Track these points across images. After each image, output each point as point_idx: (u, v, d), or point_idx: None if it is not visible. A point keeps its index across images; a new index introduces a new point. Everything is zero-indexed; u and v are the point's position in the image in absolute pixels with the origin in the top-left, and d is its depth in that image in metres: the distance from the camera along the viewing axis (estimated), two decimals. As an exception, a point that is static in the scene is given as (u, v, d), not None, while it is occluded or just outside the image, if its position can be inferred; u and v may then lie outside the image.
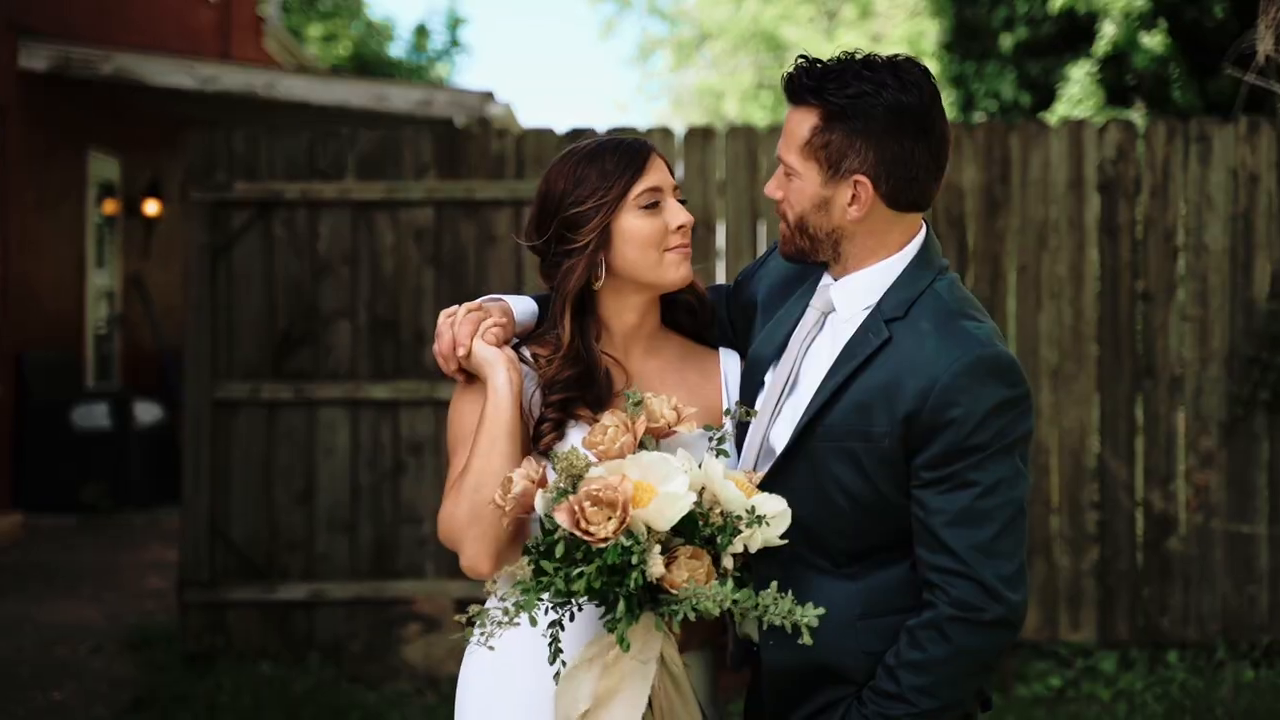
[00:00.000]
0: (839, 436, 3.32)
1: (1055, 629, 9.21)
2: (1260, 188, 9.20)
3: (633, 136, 3.66)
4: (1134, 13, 18.84)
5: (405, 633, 9.05)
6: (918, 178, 3.36)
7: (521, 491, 3.22)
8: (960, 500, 3.22)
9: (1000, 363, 3.26)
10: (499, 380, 3.44)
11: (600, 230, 3.50)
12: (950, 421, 3.22)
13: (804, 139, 3.37)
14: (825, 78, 3.35)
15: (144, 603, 10.95)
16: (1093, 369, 9.24)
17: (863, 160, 3.32)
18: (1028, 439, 3.31)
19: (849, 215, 3.37)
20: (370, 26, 35.70)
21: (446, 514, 3.44)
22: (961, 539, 3.21)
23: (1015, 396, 3.26)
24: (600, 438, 3.26)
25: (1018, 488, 3.26)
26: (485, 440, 3.41)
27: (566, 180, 3.54)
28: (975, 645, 3.21)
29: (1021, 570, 3.25)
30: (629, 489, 3.09)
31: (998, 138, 9.30)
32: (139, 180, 17.11)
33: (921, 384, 3.24)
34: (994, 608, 3.20)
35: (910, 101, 3.32)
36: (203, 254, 9.40)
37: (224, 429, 9.38)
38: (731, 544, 3.17)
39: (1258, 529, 9.14)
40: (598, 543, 3.06)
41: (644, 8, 39.48)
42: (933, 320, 3.33)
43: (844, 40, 29.82)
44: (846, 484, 3.32)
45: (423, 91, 12.72)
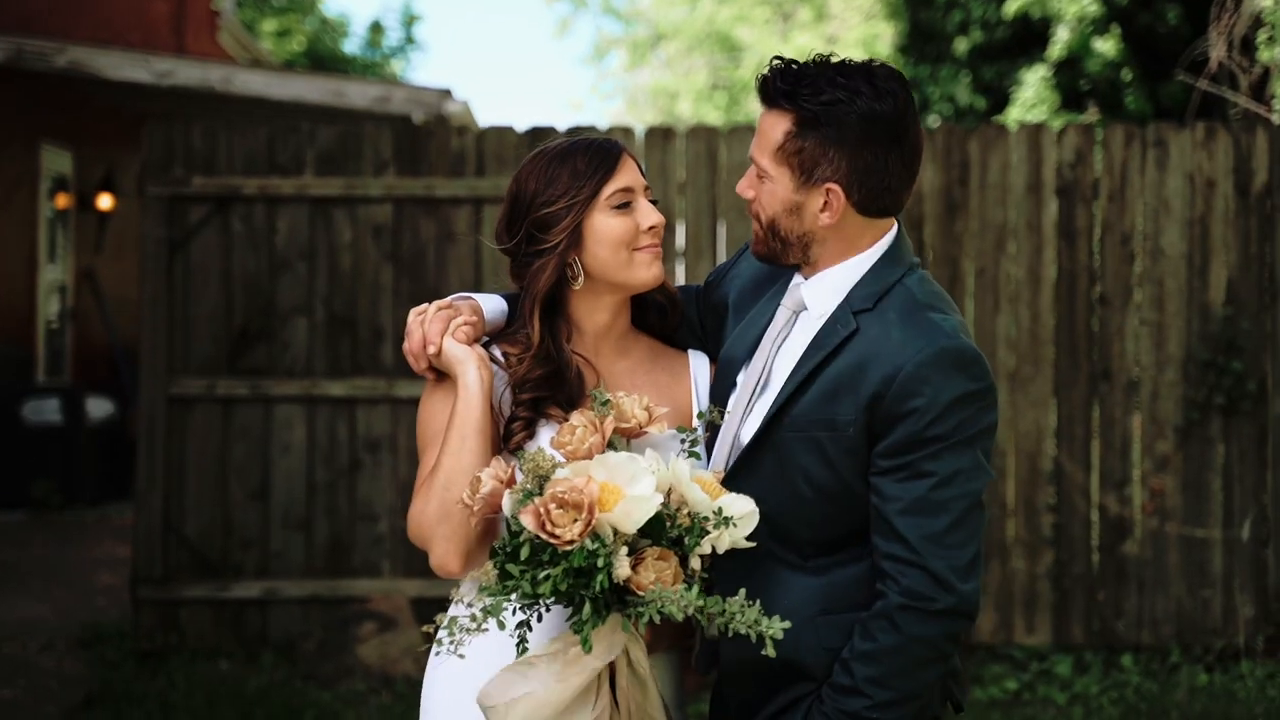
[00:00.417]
0: (805, 426, 3.33)
1: (1010, 632, 9.24)
2: (1217, 193, 9.25)
3: (602, 136, 3.65)
4: (1087, 18, 18.95)
5: (360, 631, 9.00)
6: (890, 186, 3.37)
7: (490, 491, 3.21)
8: (916, 490, 3.23)
9: (965, 355, 3.27)
10: (469, 378, 3.43)
11: (571, 230, 3.49)
12: (911, 411, 3.23)
13: (777, 143, 3.37)
14: (800, 82, 3.34)
15: (95, 600, 10.87)
16: (1050, 372, 9.28)
17: (835, 169, 3.32)
18: (990, 433, 3.32)
19: (821, 221, 3.38)
20: (325, 22, 35.58)
21: (416, 512, 3.43)
22: (914, 528, 3.22)
23: (978, 390, 3.28)
24: (568, 438, 3.25)
25: (975, 480, 3.26)
26: (455, 438, 3.40)
27: (538, 180, 3.53)
28: (925, 634, 3.22)
29: (974, 562, 3.26)
30: (595, 491, 3.07)
31: (957, 141, 9.32)
32: (92, 174, 17.00)
33: (885, 371, 3.26)
34: (944, 597, 3.21)
35: (884, 110, 3.32)
36: (159, 249, 9.33)
37: (179, 425, 9.33)
38: (699, 545, 3.16)
39: (1212, 533, 9.18)
40: (563, 545, 3.05)
41: (599, 7, 39.51)
42: (899, 311, 3.34)
43: (799, 42, 29.88)
44: (812, 474, 3.33)
45: (380, 88, 12.64)
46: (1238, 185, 9.23)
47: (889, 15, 23.66)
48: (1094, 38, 19.16)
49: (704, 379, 3.72)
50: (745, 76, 33.09)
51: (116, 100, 15.31)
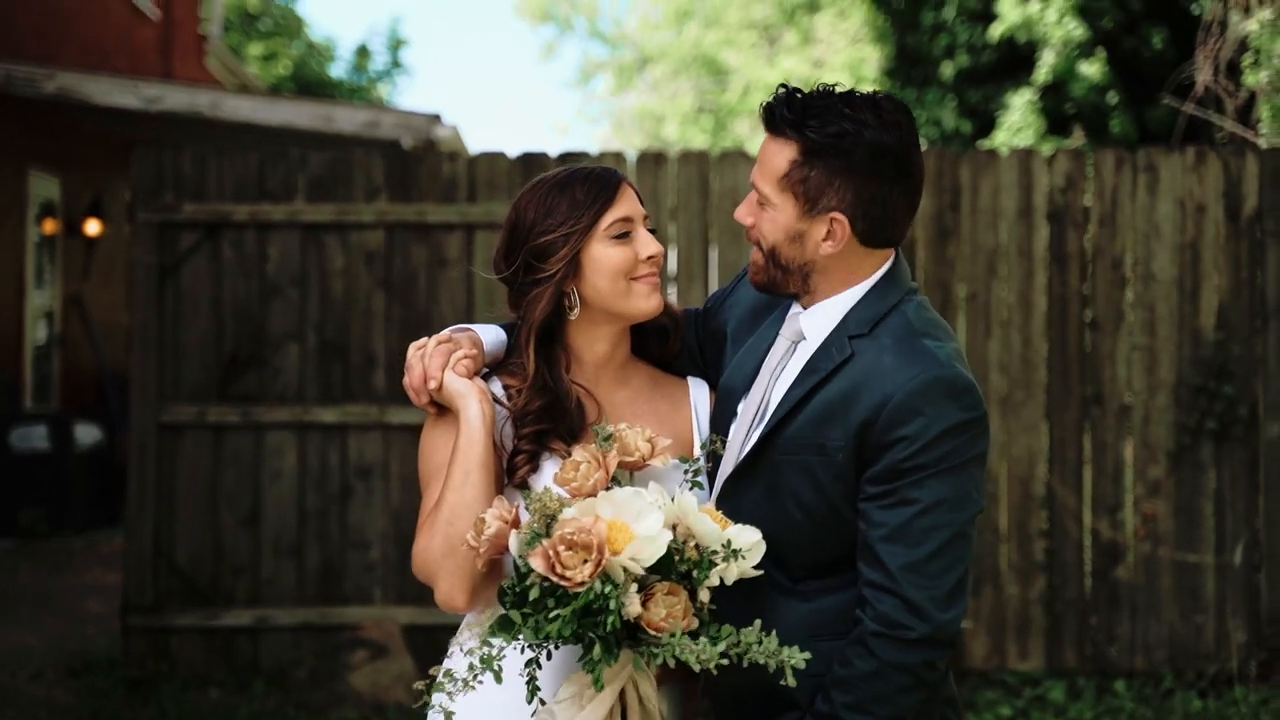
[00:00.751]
0: (796, 449, 3.34)
1: (1004, 657, 9.23)
2: (1207, 218, 9.26)
3: (601, 165, 3.64)
4: (1073, 42, 19.02)
5: (352, 659, 8.97)
6: (893, 218, 3.38)
7: (495, 533, 3.19)
8: (899, 517, 3.23)
9: (957, 384, 3.27)
10: (471, 412, 3.43)
11: (569, 260, 3.48)
12: (900, 439, 3.23)
13: (782, 171, 3.37)
14: (807, 112, 3.34)
15: (84, 627, 10.82)
16: (1041, 397, 9.28)
17: (840, 199, 3.33)
18: (980, 461, 3.31)
19: (823, 250, 3.38)
20: (311, 46, 35.59)
21: (421, 548, 3.43)
22: (895, 556, 3.22)
23: (970, 419, 3.27)
24: (572, 474, 3.24)
25: (961, 510, 3.26)
26: (458, 473, 3.40)
27: (536, 209, 3.53)
28: (901, 660, 3.21)
29: (956, 591, 3.25)
30: (603, 530, 3.06)
31: (948, 165, 9.33)
32: (80, 199, 16.98)
33: (876, 399, 3.26)
34: (919, 626, 3.20)
35: (890, 142, 3.32)
36: (149, 275, 9.31)
37: (169, 452, 9.30)
38: (708, 578, 3.15)
39: (1204, 558, 9.18)
40: (574, 588, 3.03)
41: (585, 31, 39.57)
42: (894, 338, 3.34)
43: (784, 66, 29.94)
44: (802, 497, 3.33)
45: (369, 113, 12.64)
46: (1228, 210, 9.25)
47: (875, 39, 23.72)
48: (1079, 62, 19.23)
49: (704, 406, 3.72)
50: (731, 100, 33.15)
51: (104, 126, 15.30)
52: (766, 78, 30.72)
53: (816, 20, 30.50)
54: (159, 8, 19.82)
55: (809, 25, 30.86)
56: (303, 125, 12.59)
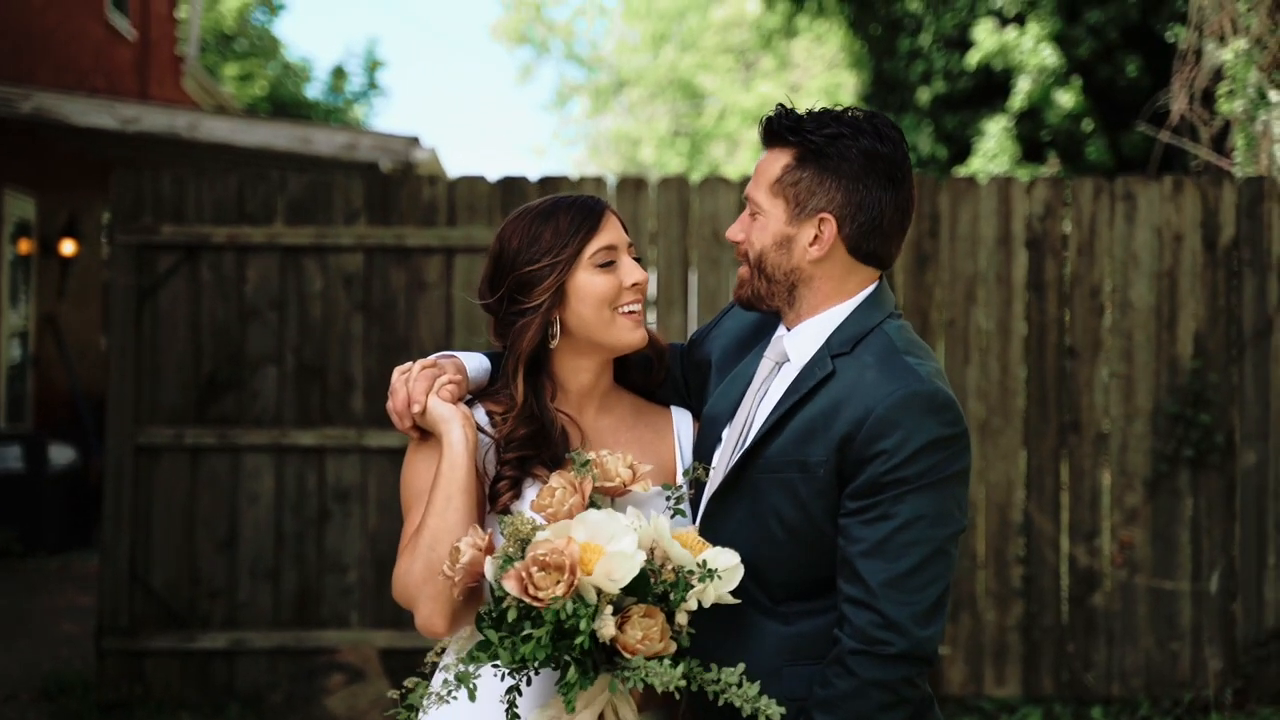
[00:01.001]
0: (778, 467, 3.34)
1: (980, 683, 9.24)
2: (1184, 246, 9.30)
3: (585, 194, 3.65)
4: (1048, 69, 19.10)
5: (328, 683, 8.94)
6: (882, 227, 3.41)
7: (470, 560, 3.20)
8: (879, 532, 3.23)
9: (937, 399, 3.28)
10: (454, 437, 3.43)
11: (555, 290, 3.49)
12: (880, 452, 3.23)
13: (775, 177, 3.43)
14: (804, 119, 3.42)
15: (58, 650, 10.76)
16: (1019, 424, 9.29)
17: (830, 199, 3.38)
18: (961, 479, 3.32)
19: (809, 255, 3.41)
20: (287, 67, 35.56)
21: (401, 572, 3.42)
22: (874, 571, 3.21)
23: (950, 435, 3.28)
24: (549, 499, 3.25)
25: (941, 527, 3.26)
26: (440, 498, 3.40)
27: (520, 238, 3.54)
28: (881, 678, 3.20)
29: (935, 608, 3.24)
30: (575, 551, 3.07)
31: (928, 192, 9.35)
32: (56, 220, 16.93)
33: (857, 413, 3.27)
34: (898, 642, 3.19)
35: (885, 151, 3.39)
36: (127, 297, 9.28)
37: (146, 474, 9.26)
38: (684, 601, 3.16)
39: (1181, 585, 9.20)
40: (545, 606, 3.04)
41: (562, 54, 39.58)
42: (876, 355, 3.36)
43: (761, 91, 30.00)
44: (784, 514, 3.33)
45: (348, 135, 12.62)
46: (1205, 239, 9.29)
47: (852, 64, 23.80)
48: (1055, 89, 19.31)
49: (687, 435, 3.72)
50: (707, 124, 33.19)
51: (81, 146, 15.26)
52: (743, 102, 30.80)
53: (793, 45, 30.58)
54: (136, 28, 19.79)
55: (786, 50, 30.94)
56: (280, 147, 12.57)
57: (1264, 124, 11.82)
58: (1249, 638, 9.18)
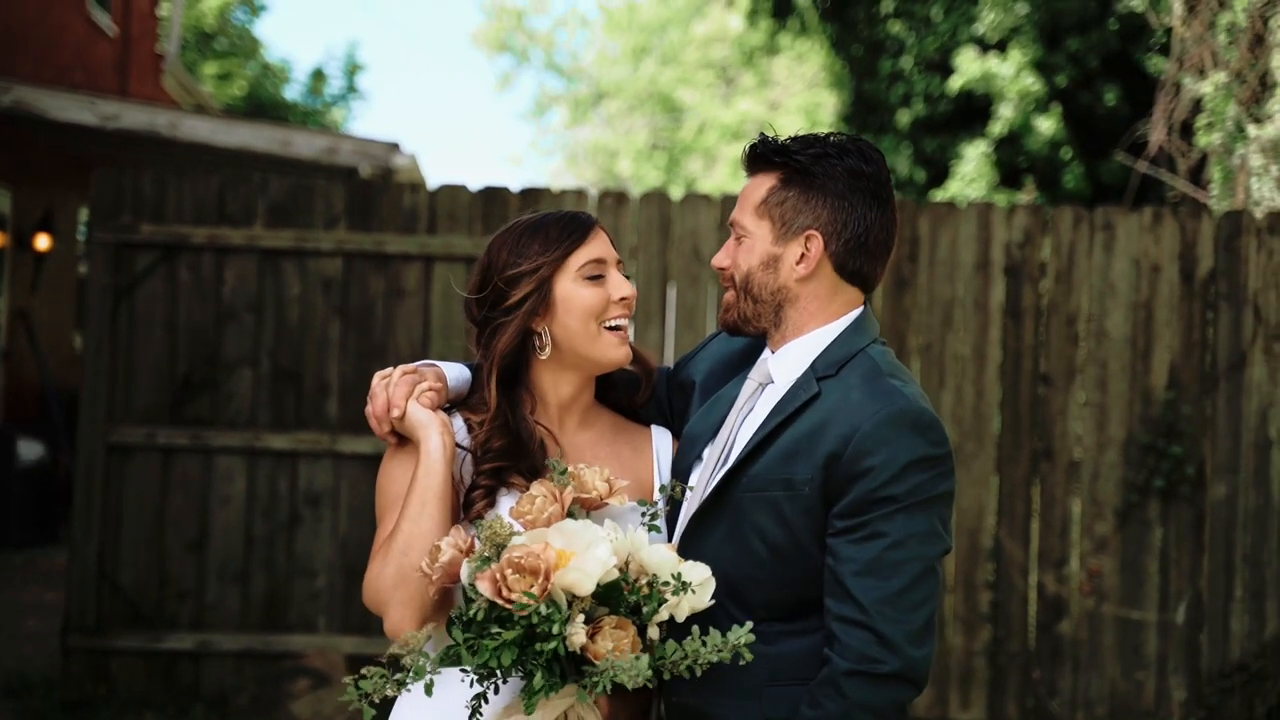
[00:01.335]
0: (762, 486, 3.35)
1: (946, 707, 9.25)
2: (1162, 278, 9.34)
3: (574, 210, 3.66)
4: (1029, 96, 19.16)
5: (294, 687, 8.92)
6: (867, 245, 3.46)
7: (449, 560, 3.21)
8: (870, 551, 3.23)
9: (923, 419, 3.31)
10: (432, 444, 3.44)
11: (537, 289, 3.51)
12: (867, 470, 3.25)
13: (760, 199, 3.47)
14: (788, 142, 3.48)
15: (22, 646, 10.71)
16: (992, 450, 9.32)
17: (816, 217, 3.42)
18: (947, 501, 3.34)
19: (796, 274, 3.45)
20: (266, 68, 35.50)
21: (373, 575, 3.43)
22: (867, 590, 3.22)
23: (935, 455, 3.31)
24: (528, 507, 3.27)
25: (930, 546, 3.27)
26: (415, 504, 3.40)
27: (509, 250, 3.56)
28: (871, 701, 3.21)
29: (927, 628, 3.26)
30: (551, 556, 3.09)
31: (908, 216, 9.37)
32: (31, 214, 16.86)
33: (843, 431, 3.29)
34: (891, 660, 3.20)
35: (870, 170, 3.45)
36: (104, 295, 9.25)
37: (117, 473, 9.23)
38: (657, 613, 3.17)
39: (1147, 615, 9.24)
40: (519, 611, 3.04)
41: (541, 63, 39.58)
42: (861, 376, 3.38)
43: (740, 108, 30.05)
44: (767, 533, 3.34)
45: (328, 139, 12.60)
46: (1183, 271, 9.33)
47: (832, 84, 23.86)
48: (1035, 116, 19.39)
49: (666, 454, 3.74)
50: (686, 138, 33.22)
51: (58, 141, 15.20)
52: (722, 118, 30.84)
53: (774, 63, 30.64)
54: (117, 24, 19.73)
55: (767, 68, 31.00)
56: (260, 148, 12.55)
57: (1241, 157, 11.88)
58: (1214, 669, 9.21)
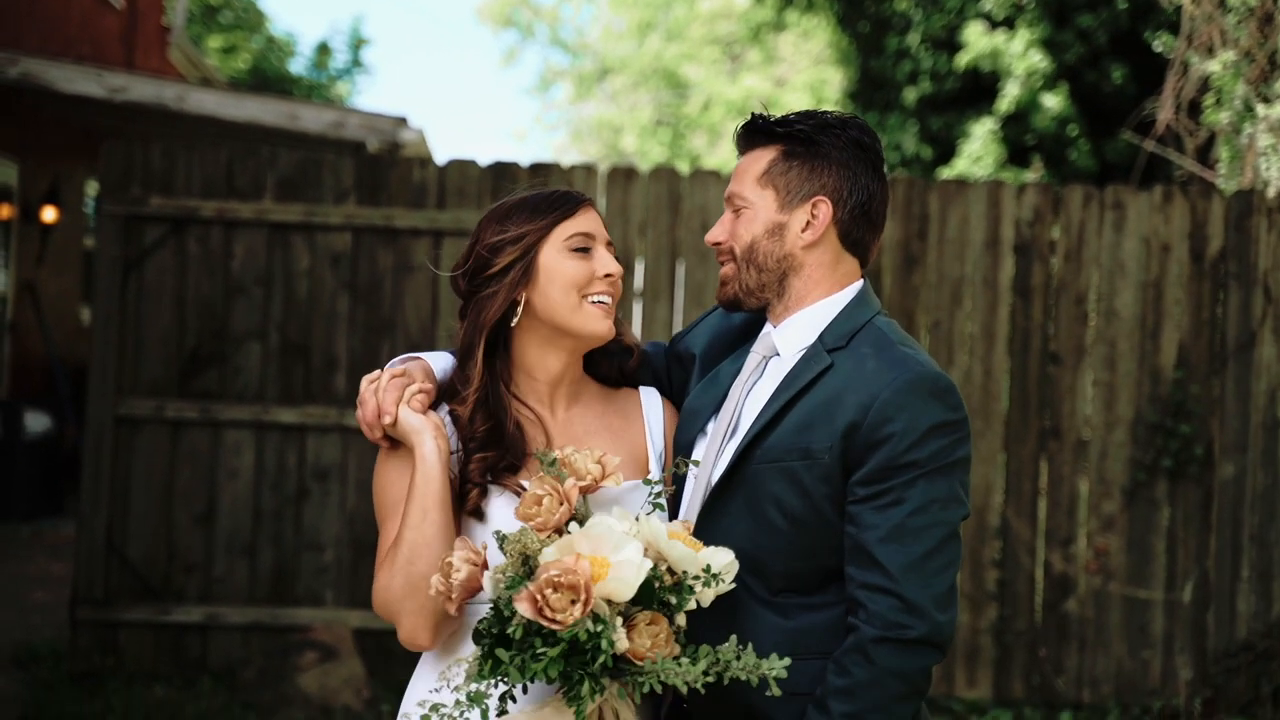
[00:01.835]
0: (778, 456, 3.35)
1: (951, 685, 9.27)
2: (1172, 257, 9.33)
3: (570, 189, 3.65)
4: (1037, 73, 19.11)
5: (301, 661, 8.93)
6: (869, 214, 3.50)
7: (466, 576, 3.17)
8: (894, 517, 3.24)
9: (940, 384, 3.32)
10: (426, 449, 3.40)
11: (521, 257, 3.49)
12: (888, 436, 3.26)
13: (762, 170, 3.49)
14: (787, 117, 3.51)
15: (30, 617, 10.73)
16: (1000, 428, 9.32)
17: (823, 183, 3.46)
18: (965, 465, 3.35)
19: (802, 240, 3.47)
20: (271, 41, 35.43)
21: (381, 586, 3.40)
22: (893, 555, 3.22)
23: (954, 420, 3.32)
24: (535, 509, 3.22)
25: (951, 510, 3.29)
26: (416, 511, 3.38)
27: (497, 222, 3.55)
28: (899, 667, 3.21)
29: (951, 592, 3.26)
30: (587, 568, 3.05)
31: (917, 194, 9.37)
32: (37, 186, 16.85)
33: (862, 399, 3.30)
34: (919, 625, 3.20)
35: (869, 143, 3.50)
36: (113, 268, 9.25)
37: (126, 446, 9.24)
38: (687, 604, 3.16)
39: (1154, 594, 9.24)
40: (565, 629, 3.02)
41: (546, 38, 39.51)
42: (873, 346, 3.40)
43: (746, 84, 29.99)
44: (785, 502, 3.34)
45: (335, 113, 12.57)
46: (1193, 250, 9.32)
47: (839, 61, 23.81)
48: (1042, 93, 19.34)
49: (656, 415, 3.70)
50: (690, 113, 33.17)
51: (66, 113, 15.18)
52: (727, 94, 30.78)
53: (780, 40, 30.58)
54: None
55: (772, 44, 30.94)
56: (268, 122, 12.52)
57: (1249, 137, 11.87)
58: (1220, 649, 9.22)
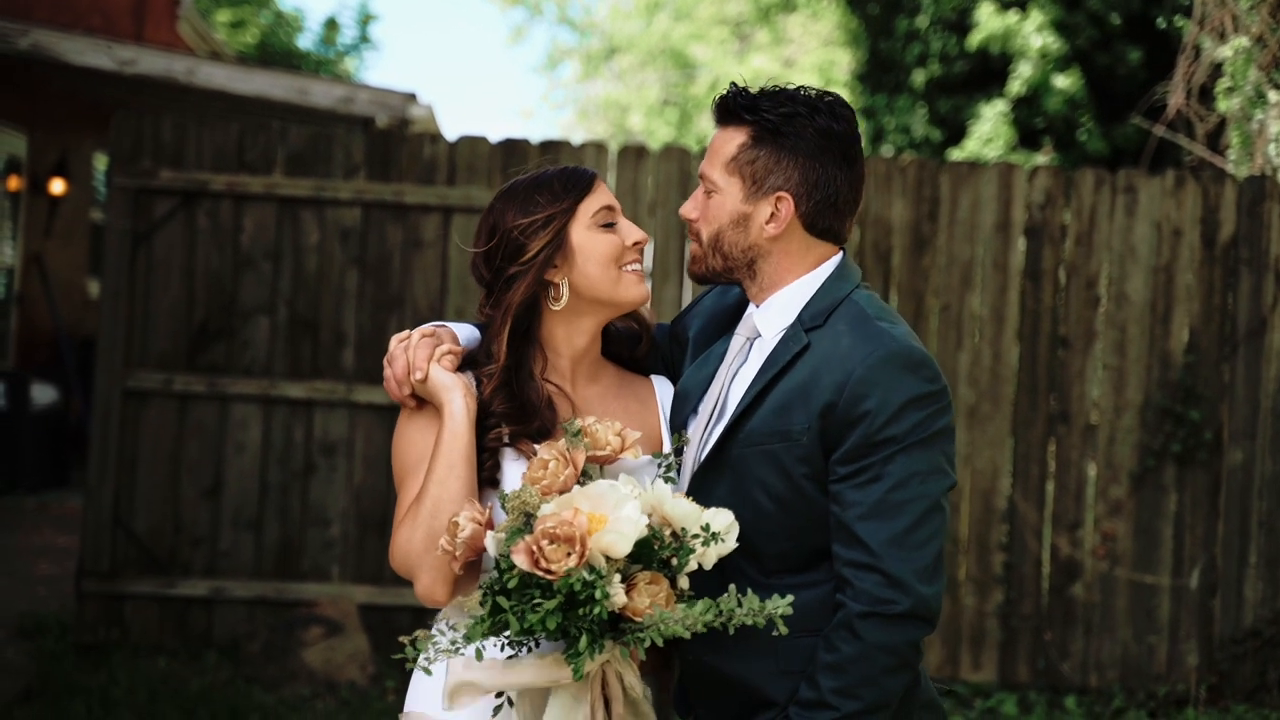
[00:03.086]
0: (760, 440, 3.37)
1: (957, 668, 9.27)
2: (1183, 242, 9.31)
3: (574, 165, 3.67)
4: (1050, 55, 19.07)
5: (306, 635, 8.93)
6: (836, 205, 3.48)
7: (471, 535, 3.22)
8: (874, 493, 3.25)
9: (914, 357, 3.32)
10: (455, 406, 3.44)
11: (554, 239, 3.52)
12: (864, 414, 3.27)
13: (731, 155, 3.47)
14: (760, 97, 3.47)
15: (35, 589, 10.73)
16: (1008, 411, 9.31)
17: (787, 178, 3.44)
18: (948, 436, 3.35)
19: (766, 233, 3.47)
20: (279, 16, 35.37)
21: (402, 540, 3.42)
22: (874, 532, 3.24)
23: (931, 391, 3.32)
24: (541, 472, 3.26)
25: (932, 483, 3.29)
26: (442, 466, 3.40)
27: (517, 204, 3.57)
28: (887, 641, 3.22)
29: (936, 565, 3.28)
30: (584, 522, 3.09)
31: (928, 176, 9.35)
32: (46, 158, 16.83)
33: (837, 378, 3.31)
34: (903, 600, 3.21)
35: (840, 129, 3.46)
36: (122, 240, 9.25)
37: (133, 419, 9.24)
38: (688, 564, 3.18)
39: (1161, 580, 9.24)
40: (558, 579, 3.04)
41: (554, 16, 39.43)
42: (848, 323, 3.40)
43: (754, 64, 29.94)
44: (769, 485, 3.36)
45: (345, 89, 12.55)
46: (1204, 235, 9.30)
47: (848, 42, 23.75)
48: (1054, 75, 19.29)
49: (669, 403, 3.75)
50: (698, 93, 33.12)
51: (75, 85, 15.16)
52: (735, 74, 30.71)
53: (789, 20, 30.52)
54: (133, -31, 19.67)
55: (781, 25, 30.88)
56: (277, 96, 12.50)
57: (1260, 123, 11.83)
58: (1226, 634, 9.22)
